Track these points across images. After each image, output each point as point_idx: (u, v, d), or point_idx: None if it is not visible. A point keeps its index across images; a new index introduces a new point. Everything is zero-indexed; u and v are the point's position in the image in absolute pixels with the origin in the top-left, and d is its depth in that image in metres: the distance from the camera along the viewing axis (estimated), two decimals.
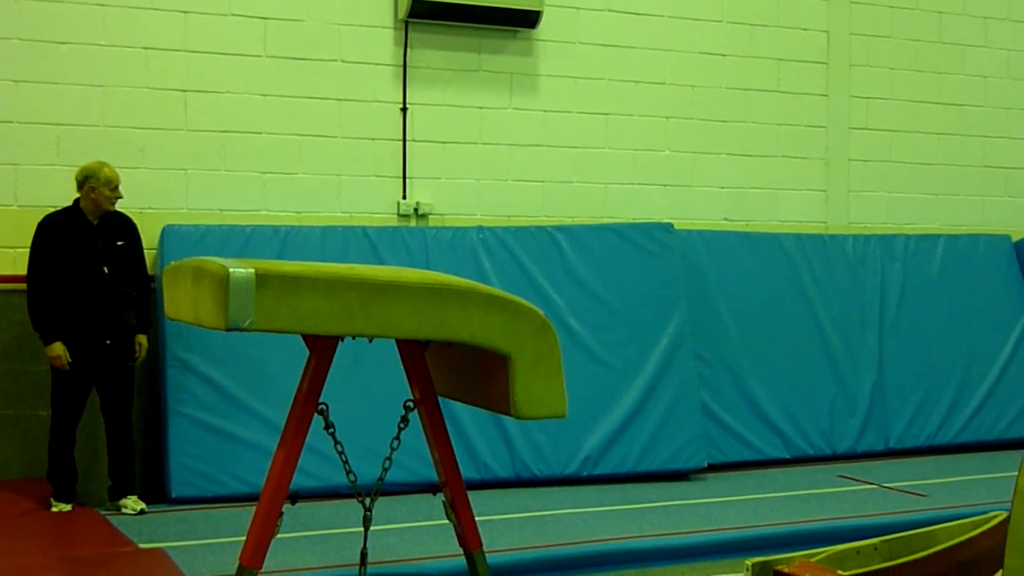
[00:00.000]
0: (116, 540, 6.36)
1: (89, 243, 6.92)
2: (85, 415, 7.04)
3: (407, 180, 8.47)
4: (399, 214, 8.43)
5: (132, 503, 7.01)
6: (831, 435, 9.07)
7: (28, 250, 7.04)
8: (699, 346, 8.64)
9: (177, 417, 7.31)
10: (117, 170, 7.11)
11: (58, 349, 6.79)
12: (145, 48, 7.77)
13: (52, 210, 7.17)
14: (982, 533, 4.34)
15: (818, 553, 3.87)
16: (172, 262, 5.08)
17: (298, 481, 4.92)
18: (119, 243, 6.99)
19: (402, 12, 8.31)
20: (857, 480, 8.32)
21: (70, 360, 6.81)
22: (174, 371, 7.35)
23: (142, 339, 7.11)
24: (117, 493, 7.06)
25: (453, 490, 5.04)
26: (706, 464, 8.34)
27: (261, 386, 7.43)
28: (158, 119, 7.79)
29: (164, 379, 7.38)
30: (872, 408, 9.23)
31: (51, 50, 7.54)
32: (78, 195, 6.98)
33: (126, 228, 7.10)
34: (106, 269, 6.91)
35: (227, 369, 7.45)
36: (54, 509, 6.88)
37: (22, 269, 7.26)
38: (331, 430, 4.81)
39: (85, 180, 6.94)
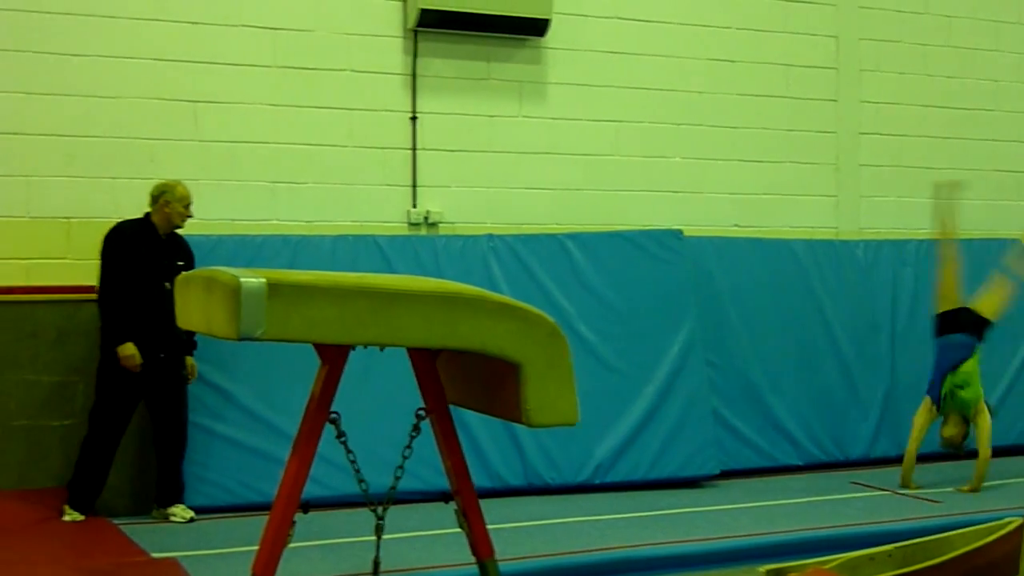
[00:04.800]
0: (129, 550, 6.37)
1: (157, 257, 6.96)
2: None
3: (417, 189, 8.48)
4: (409, 223, 8.43)
5: (181, 511, 7.08)
6: (843, 441, 9.05)
7: (39, 261, 7.26)
8: (710, 353, 8.63)
9: (189, 427, 7.31)
10: (127, 180, 7.15)
11: (130, 349, 6.86)
12: (155, 59, 7.79)
13: (64, 221, 7.27)
14: (997, 539, 4.33)
15: (831, 560, 3.86)
16: (184, 273, 5.08)
17: (309, 490, 4.90)
18: (180, 263, 7.01)
19: (411, 22, 8.32)
20: (870, 486, 8.30)
21: (140, 361, 6.87)
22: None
23: (191, 361, 7.18)
24: (165, 501, 7.11)
25: (465, 498, 5.02)
26: (718, 471, 8.32)
27: (272, 395, 7.44)
28: (168, 130, 7.81)
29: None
30: (885, 413, 9.21)
31: (62, 62, 7.56)
32: (150, 209, 7.06)
33: (186, 250, 7.19)
34: (168, 285, 6.91)
35: (238, 379, 7.46)
36: (66, 518, 6.89)
37: (34, 280, 7.37)
38: (343, 439, 4.79)
39: (160, 195, 7.04)
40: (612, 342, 8.29)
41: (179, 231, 7.19)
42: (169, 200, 7.04)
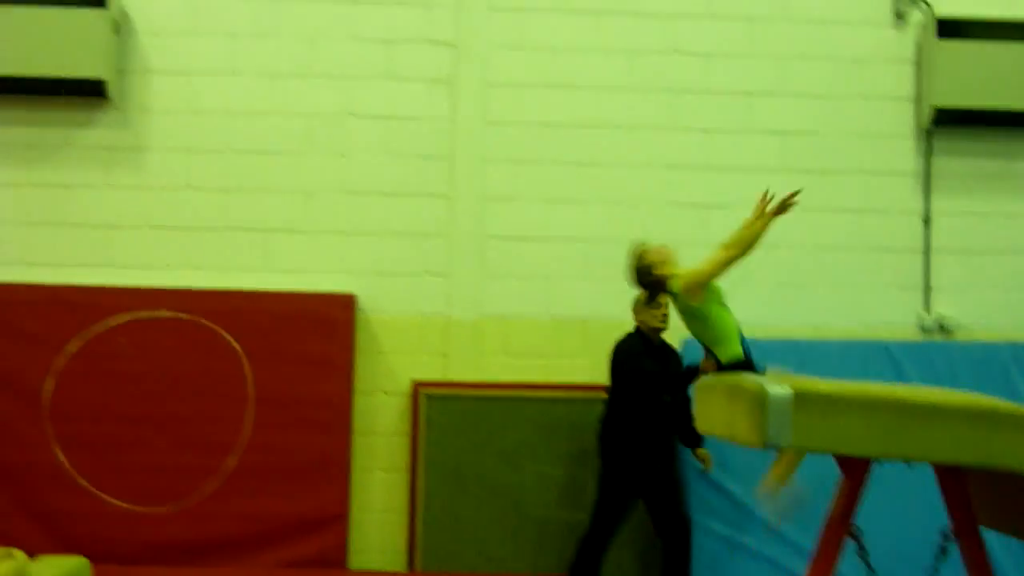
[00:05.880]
0: None
1: (660, 366, 7.09)
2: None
3: (929, 292, 8.15)
4: (921, 328, 8.10)
5: None
6: None
7: (557, 360, 7.85)
8: None
9: (704, 535, 7.35)
10: None
11: (702, 453, 7.24)
12: (669, 165, 8.07)
13: (580, 321, 7.87)
14: None
15: None
16: (704, 378, 5.18)
17: None
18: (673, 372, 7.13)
19: (924, 121, 8.09)
20: None
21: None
22: (695, 483, 7.43)
23: (704, 453, 7.28)
24: None
25: None
26: None
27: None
28: (680, 233, 7.98)
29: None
30: None
31: (582, 172, 8.04)
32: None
33: (676, 358, 7.27)
34: (666, 398, 7.03)
35: (748, 484, 7.40)
36: None
37: (552, 377, 7.85)
38: (864, 554, 4.65)
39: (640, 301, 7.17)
40: None
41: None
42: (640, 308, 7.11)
